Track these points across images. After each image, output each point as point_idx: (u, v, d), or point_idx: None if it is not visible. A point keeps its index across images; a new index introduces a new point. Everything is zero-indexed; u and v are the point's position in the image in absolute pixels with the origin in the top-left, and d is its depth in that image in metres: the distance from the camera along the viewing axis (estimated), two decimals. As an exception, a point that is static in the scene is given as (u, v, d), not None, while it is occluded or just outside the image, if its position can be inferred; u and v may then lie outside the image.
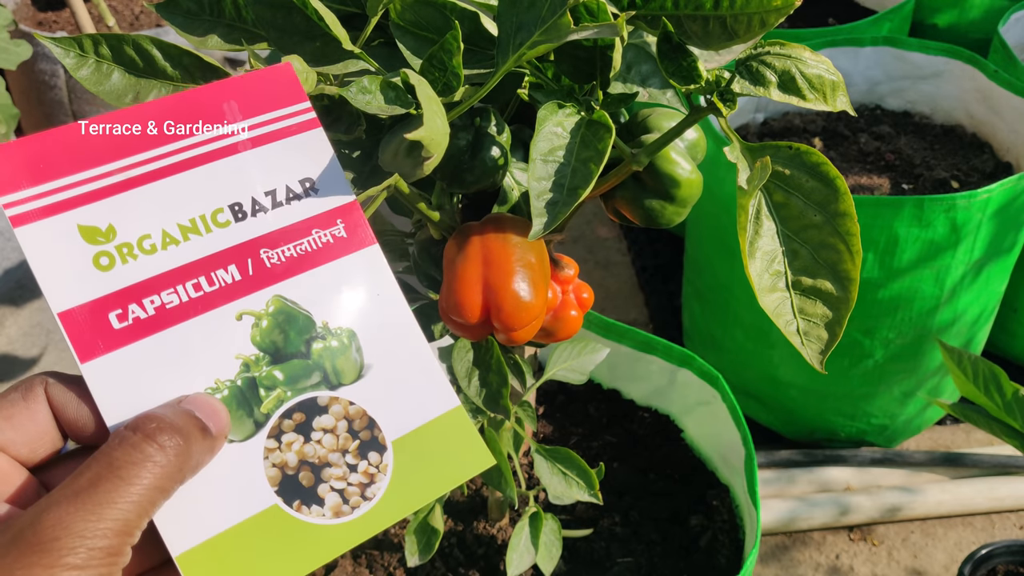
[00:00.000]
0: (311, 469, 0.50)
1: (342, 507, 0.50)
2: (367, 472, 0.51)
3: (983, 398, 0.96)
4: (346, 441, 0.51)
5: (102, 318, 0.48)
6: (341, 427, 0.51)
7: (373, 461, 0.52)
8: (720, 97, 0.56)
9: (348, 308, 0.53)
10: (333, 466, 0.51)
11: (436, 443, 0.53)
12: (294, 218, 0.52)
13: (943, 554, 1.46)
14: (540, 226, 0.52)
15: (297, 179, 0.53)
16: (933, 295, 1.36)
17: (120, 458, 0.43)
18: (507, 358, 0.71)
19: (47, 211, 0.47)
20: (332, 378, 0.52)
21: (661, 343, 1.05)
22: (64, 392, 0.47)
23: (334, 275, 0.53)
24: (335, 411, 0.52)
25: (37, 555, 0.40)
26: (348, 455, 0.51)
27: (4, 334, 1.90)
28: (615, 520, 1.00)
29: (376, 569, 0.96)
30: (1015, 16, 1.67)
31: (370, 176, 0.60)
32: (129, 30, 2.13)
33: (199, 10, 0.62)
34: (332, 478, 0.50)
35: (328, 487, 0.50)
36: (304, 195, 0.53)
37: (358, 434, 0.52)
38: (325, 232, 0.53)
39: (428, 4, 0.59)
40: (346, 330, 0.52)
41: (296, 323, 0.51)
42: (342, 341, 0.52)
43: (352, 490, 0.51)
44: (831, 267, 0.56)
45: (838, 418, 1.54)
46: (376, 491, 0.51)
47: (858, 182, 1.48)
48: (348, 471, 0.51)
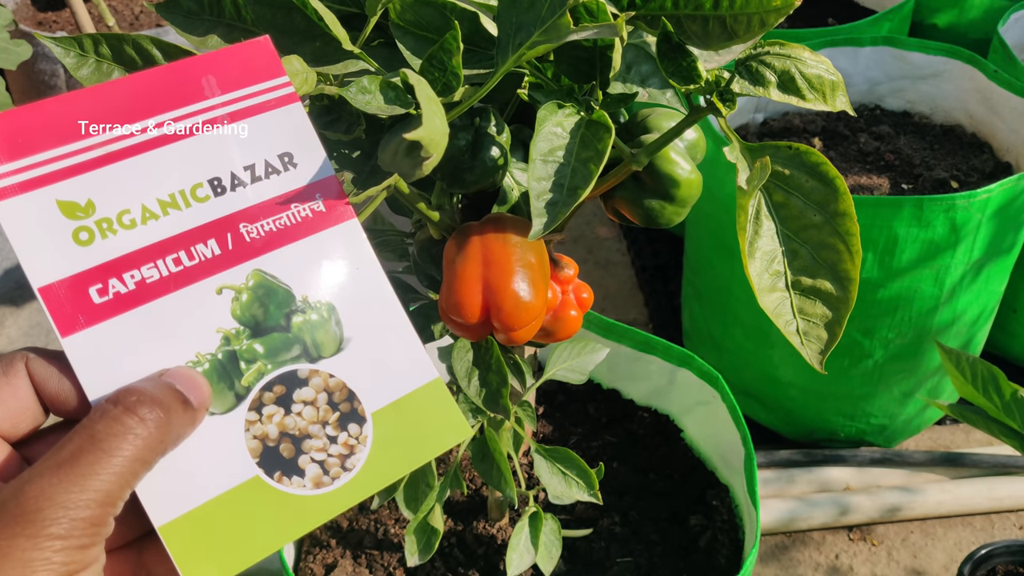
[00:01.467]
0: (291, 441, 0.51)
1: (322, 478, 0.51)
2: (347, 444, 0.52)
3: (982, 399, 0.96)
4: (326, 413, 0.52)
5: (82, 293, 0.48)
6: (321, 399, 0.52)
7: (353, 433, 0.52)
8: (720, 97, 0.56)
9: (327, 282, 0.53)
10: (313, 438, 0.51)
11: (415, 415, 0.54)
12: (273, 192, 0.52)
13: (943, 554, 1.46)
14: (540, 226, 0.52)
15: (276, 153, 0.53)
16: (933, 295, 1.36)
17: (102, 431, 0.43)
18: (507, 358, 0.71)
19: (26, 186, 0.47)
20: (312, 351, 0.52)
21: (661, 343, 1.05)
22: (45, 367, 0.47)
23: (313, 249, 0.53)
24: (315, 384, 0.52)
25: (20, 526, 0.41)
26: (328, 427, 0.52)
27: (4, 334, 1.90)
28: (615, 520, 1.00)
29: (376, 569, 0.96)
30: (1015, 16, 1.67)
31: (370, 176, 0.60)
32: (129, 30, 2.13)
33: (199, 10, 0.62)
34: (312, 450, 0.51)
35: (308, 458, 0.51)
36: (283, 169, 0.53)
37: (338, 406, 0.52)
38: (304, 206, 0.53)
39: (428, 4, 0.59)
40: (325, 303, 0.53)
41: (276, 297, 0.52)
42: (321, 314, 0.53)
43: (332, 461, 0.51)
44: (831, 267, 0.56)
45: (838, 418, 1.54)
46: (356, 462, 0.52)
47: (858, 182, 1.48)
48: (328, 443, 0.51)
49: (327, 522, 0.88)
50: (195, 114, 0.51)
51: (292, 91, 0.53)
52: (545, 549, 0.84)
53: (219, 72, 0.52)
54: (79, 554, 0.42)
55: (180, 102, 0.51)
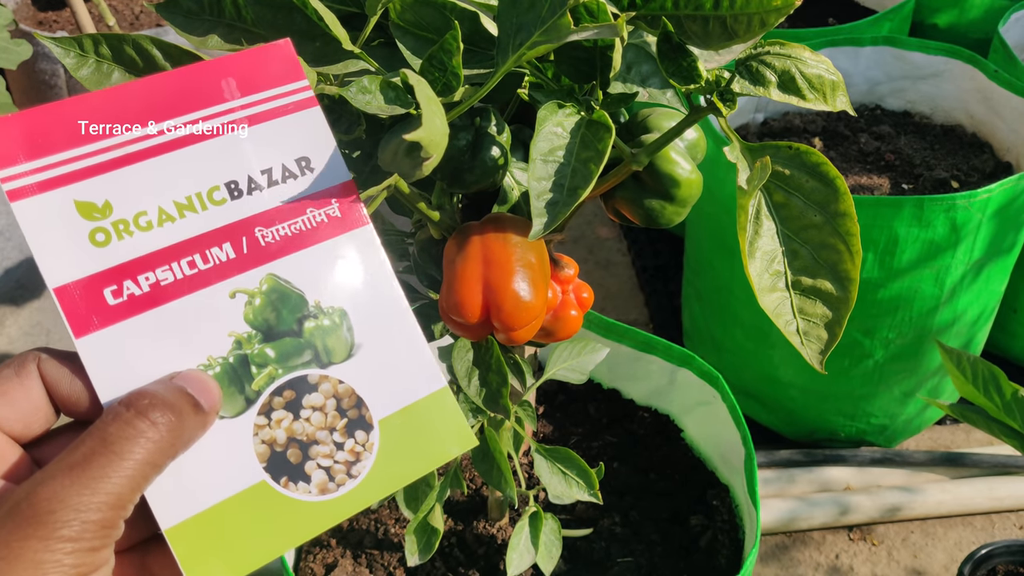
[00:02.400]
0: (299, 446, 0.51)
1: (328, 484, 0.51)
2: (353, 450, 0.52)
3: (982, 399, 0.96)
4: (334, 419, 0.52)
5: (97, 294, 0.48)
6: (330, 405, 0.52)
7: (360, 440, 0.52)
8: (720, 97, 0.56)
9: (340, 287, 0.53)
10: (320, 444, 0.51)
11: (421, 423, 0.54)
12: (289, 197, 0.52)
13: (943, 554, 1.46)
14: (540, 226, 0.52)
15: (293, 158, 0.53)
16: (933, 295, 1.36)
17: (114, 433, 0.43)
18: (507, 358, 0.71)
19: (44, 186, 0.47)
20: (323, 356, 0.52)
21: (661, 343, 1.05)
22: (57, 368, 0.47)
23: (328, 254, 0.53)
24: (324, 389, 0.52)
25: (32, 527, 0.41)
26: (336, 433, 0.52)
27: (4, 334, 1.90)
28: (615, 520, 1.00)
29: (376, 569, 0.96)
30: (1015, 16, 1.67)
31: (370, 176, 0.60)
32: (129, 30, 2.13)
33: (199, 10, 0.62)
34: (319, 455, 0.51)
35: (315, 464, 0.51)
36: (300, 174, 0.53)
37: (346, 412, 0.52)
38: (320, 211, 0.53)
39: (428, 4, 0.59)
40: (338, 309, 0.53)
41: (289, 302, 0.52)
42: (334, 320, 0.53)
43: (338, 468, 0.51)
44: (831, 267, 0.56)
45: (838, 418, 1.54)
46: (361, 469, 0.52)
47: (858, 182, 1.48)
48: (335, 449, 0.52)
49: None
50: (214, 116, 0.51)
51: (312, 95, 0.53)
52: (545, 549, 0.84)
53: (239, 75, 0.52)
54: (89, 556, 0.42)
55: (199, 104, 0.51)
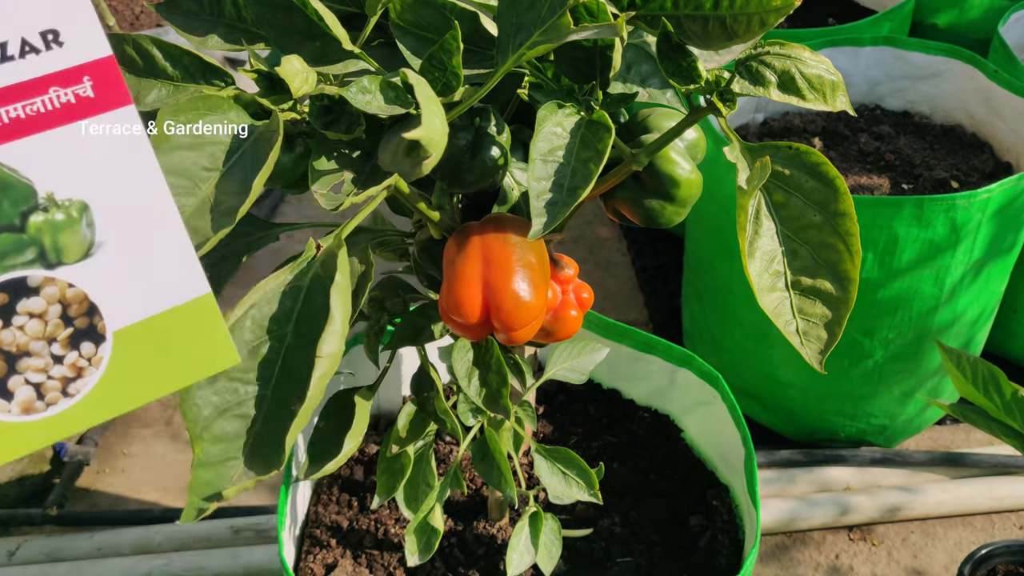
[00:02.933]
0: (5, 358, 0.46)
1: (35, 403, 0.46)
2: (75, 365, 0.47)
3: (982, 399, 0.96)
4: (56, 328, 0.46)
5: None
6: (52, 312, 0.46)
7: (85, 353, 0.47)
8: (720, 97, 0.56)
9: (83, 177, 0.47)
10: (34, 356, 0.46)
11: (172, 335, 0.48)
12: (27, 75, 0.46)
13: (943, 554, 1.46)
14: (540, 226, 0.52)
15: (38, 30, 0.46)
16: (933, 295, 1.36)
17: None
18: (507, 358, 0.71)
19: None
20: (51, 255, 0.46)
21: (661, 343, 1.05)
22: None
23: (70, 139, 0.47)
24: (48, 293, 0.46)
25: None
26: (56, 345, 0.47)
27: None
28: (615, 520, 1.00)
29: (376, 569, 0.96)
30: (1015, 16, 1.67)
31: (370, 176, 0.60)
32: (129, 30, 2.13)
33: (199, 10, 0.62)
34: (29, 369, 0.46)
35: (22, 379, 0.46)
36: (44, 48, 0.46)
37: (72, 321, 0.47)
38: (66, 90, 0.47)
39: (428, 4, 0.59)
40: (77, 202, 0.47)
41: (11, 192, 0.46)
42: (69, 214, 0.47)
43: (51, 384, 0.46)
44: (831, 267, 0.56)
45: (838, 418, 1.54)
46: (81, 387, 0.47)
47: (858, 182, 1.48)
48: (51, 363, 0.46)
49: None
50: None
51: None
52: (545, 549, 0.84)
53: None
54: None
55: None
